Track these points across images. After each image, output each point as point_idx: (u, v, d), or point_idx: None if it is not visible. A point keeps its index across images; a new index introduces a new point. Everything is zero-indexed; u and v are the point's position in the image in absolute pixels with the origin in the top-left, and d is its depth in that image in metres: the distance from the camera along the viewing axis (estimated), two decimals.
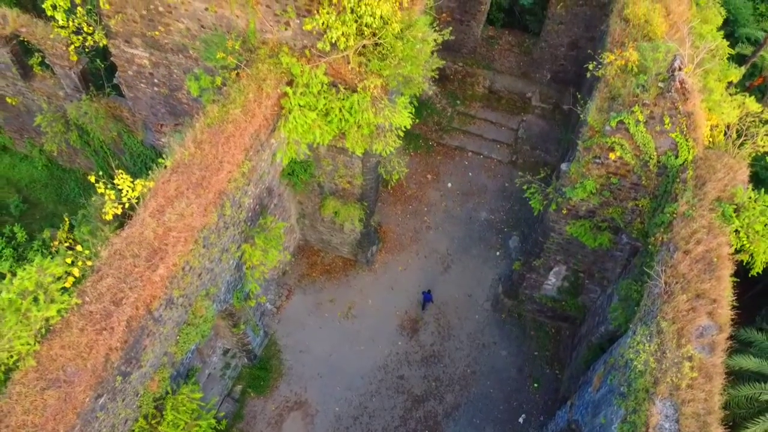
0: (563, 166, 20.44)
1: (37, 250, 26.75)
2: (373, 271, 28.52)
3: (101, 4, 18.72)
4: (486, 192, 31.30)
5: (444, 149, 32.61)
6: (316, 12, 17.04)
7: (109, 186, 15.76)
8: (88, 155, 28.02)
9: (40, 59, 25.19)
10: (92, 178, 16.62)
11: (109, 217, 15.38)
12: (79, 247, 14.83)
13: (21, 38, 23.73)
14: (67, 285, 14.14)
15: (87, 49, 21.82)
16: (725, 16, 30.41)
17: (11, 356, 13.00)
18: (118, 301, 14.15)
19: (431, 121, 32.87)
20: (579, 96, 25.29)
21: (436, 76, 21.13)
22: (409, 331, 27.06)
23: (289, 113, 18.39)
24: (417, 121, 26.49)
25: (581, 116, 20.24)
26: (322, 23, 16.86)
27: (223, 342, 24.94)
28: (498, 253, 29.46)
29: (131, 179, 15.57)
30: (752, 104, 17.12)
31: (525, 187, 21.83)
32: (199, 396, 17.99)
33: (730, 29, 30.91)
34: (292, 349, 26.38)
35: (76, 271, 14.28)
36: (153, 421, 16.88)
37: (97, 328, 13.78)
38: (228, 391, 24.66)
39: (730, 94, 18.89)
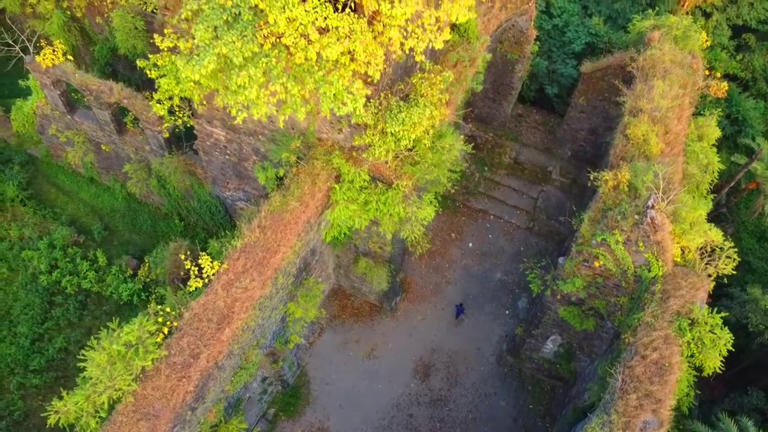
0: (560, 260, 24.25)
1: (115, 274, 31.82)
2: (396, 318, 32.66)
3: (196, 105, 23.34)
4: (503, 254, 35.10)
5: (469, 211, 36.56)
6: (363, 132, 21.31)
7: (192, 264, 20.24)
8: (163, 196, 32.92)
9: (133, 118, 30.16)
10: (182, 254, 21.11)
11: (191, 290, 19.85)
12: (168, 309, 19.40)
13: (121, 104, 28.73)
14: (159, 339, 18.72)
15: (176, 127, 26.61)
16: (735, 116, 33.76)
17: (118, 394, 17.61)
18: (195, 355, 18.68)
19: (459, 184, 36.83)
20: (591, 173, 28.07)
21: (468, 150, 24.55)
22: (422, 375, 31.10)
23: (336, 204, 22.72)
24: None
25: (576, 222, 23.92)
26: (368, 142, 21.13)
27: (263, 371, 29.43)
28: (507, 312, 33.25)
29: (211, 259, 20.02)
30: (715, 235, 20.65)
31: (527, 272, 25.66)
32: (244, 426, 22.45)
33: (737, 128, 34.05)
34: (319, 381, 30.71)
35: (165, 330, 18.85)
36: None
37: (179, 375, 18.33)
38: (263, 413, 29.14)
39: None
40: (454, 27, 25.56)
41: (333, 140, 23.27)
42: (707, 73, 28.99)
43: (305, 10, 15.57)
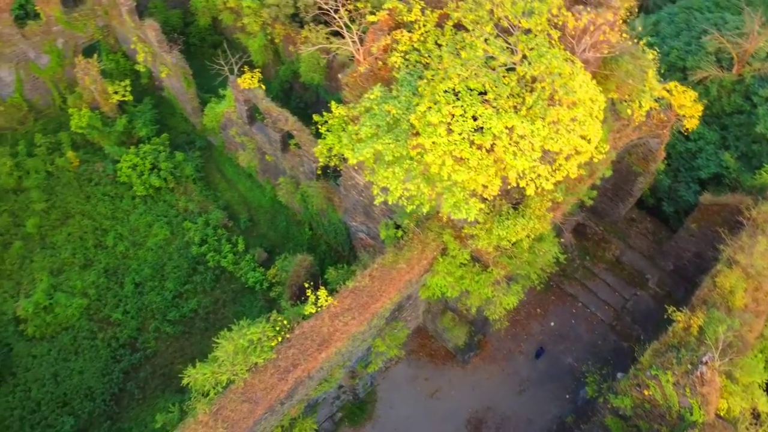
0: (618, 375, 26.86)
1: (248, 261, 38.13)
2: (465, 370, 36.33)
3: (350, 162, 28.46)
4: (579, 341, 37.53)
5: (559, 292, 39.25)
6: (473, 225, 25.28)
7: (312, 291, 25.31)
8: (302, 208, 38.82)
9: (296, 143, 36.13)
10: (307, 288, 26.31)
11: (305, 313, 24.95)
12: (285, 321, 24.66)
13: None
14: (273, 344, 24.02)
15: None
16: None
17: (234, 377, 23.12)
18: (295, 365, 23.80)
19: (558, 265, 39.57)
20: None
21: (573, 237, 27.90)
22: (473, 428, 34.58)
23: (436, 273, 26.94)
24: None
25: (640, 349, 26.34)
26: (476, 233, 25.10)
27: (341, 381, 34.40)
28: (567, 396, 35.78)
29: (326, 293, 25.02)
30: (763, 405, 22.46)
31: (587, 374, 28.40)
32: (315, 427, 27.49)
33: None
34: (385, 403, 35.19)
35: (279, 338, 24.13)
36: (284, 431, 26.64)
37: (280, 377, 23.55)
38: (332, 415, 34.14)
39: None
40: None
41: (448, 217, 27.43)
42: None
43: (448, 140, 19.87)
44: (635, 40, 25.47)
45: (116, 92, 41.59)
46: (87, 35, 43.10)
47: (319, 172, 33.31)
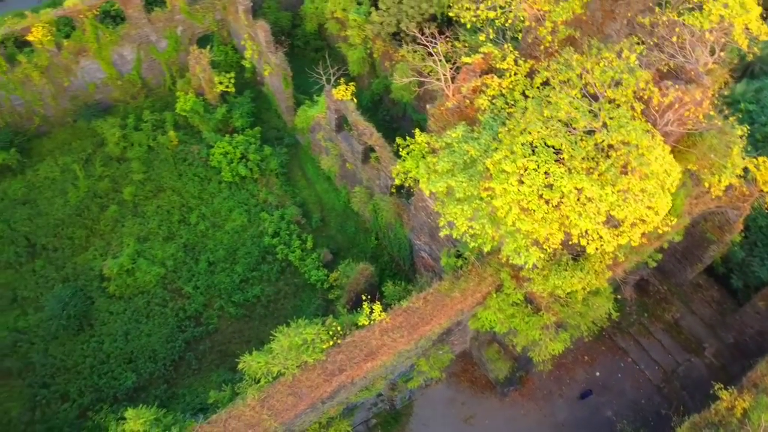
0: None
1: (313, 259, 40.22)
2: (503, 402, 36.96)
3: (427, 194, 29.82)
4: (622, 396, 37.34)
5: (610, 343, 39.13)
6: (532, 269, 26.08)
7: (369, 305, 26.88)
8: (371, 217, 40.52)
9: (377, 157, 37.84)
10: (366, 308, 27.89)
11: (359, 323, 26.52)
12: (339, 327, 26.35)
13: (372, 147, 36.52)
14: (324, 346, 25.76)
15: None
16: None
17: (284, 371, 25.02)
18: (341, 370, 25.45)
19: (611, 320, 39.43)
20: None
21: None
22: None
23: (488, 307, 27.90)
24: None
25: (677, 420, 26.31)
26: (532, 277, 25.90)
27: (381, 390, 35.88)
28: None
29: (381, 308, 26.51)
30: None
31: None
32: (350, 429, 29.07)
33: None
34: (419, 419, 36.36)
35: (331, 342, 25.83)
36: (320, 428, 28.34)
37: (325, 378, 25.26)
38: (367, 420, 35.67)
39: None
40: None
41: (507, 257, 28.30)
42: None
43: (518, 190, 20.88)
44: (726, 109, 25.40)
45: (221, 83, 44.70)
46: (204, 26, 46.55)
47: (393, 190, 34.86)
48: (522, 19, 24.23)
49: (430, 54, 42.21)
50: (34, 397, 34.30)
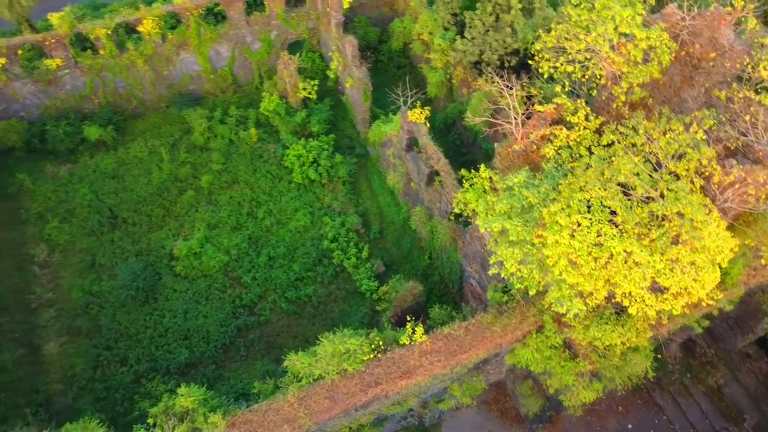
0: None
1: (367, 268, 41.87)
2: None
3: (481, 231, 30.95)
4: None
5: (647, 398, 38.92)
6: (573, 317, 26.79)
7: (412, 326, 28.24)
8: (428, 237, 41.83)
9: (440, 181, 39.14)
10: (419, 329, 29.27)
11: (400, 341, 27.93)
12: (381, 342, 27.81)
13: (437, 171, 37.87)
14: (365, 358, 27.31)
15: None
16: None
17: (324, 375, 26.70)
18: (376, 383, 26.94)
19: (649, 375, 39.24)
20: None
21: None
22: None
23: (526, 345, 28.74)
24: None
25: None
26: (573, 324, 26.61)
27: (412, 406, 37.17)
28: None
29: (423, 330, 27.83)
30: None
31: None
32: None
33: None
34: None
35: (371, 355, 27.35)
36: None
37: (361, 388, 26.82)
38: None
39: None
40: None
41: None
42: None
43: (569, 243, 21.78)
44: None
45: (305, 89, 47.12)
46: (296, 33, 49.18)
47: (452, 217, 36.07)
48: (599, 76, 25.02)
49: (509, 87, 43.36)
50: (97, 357, 37.49)
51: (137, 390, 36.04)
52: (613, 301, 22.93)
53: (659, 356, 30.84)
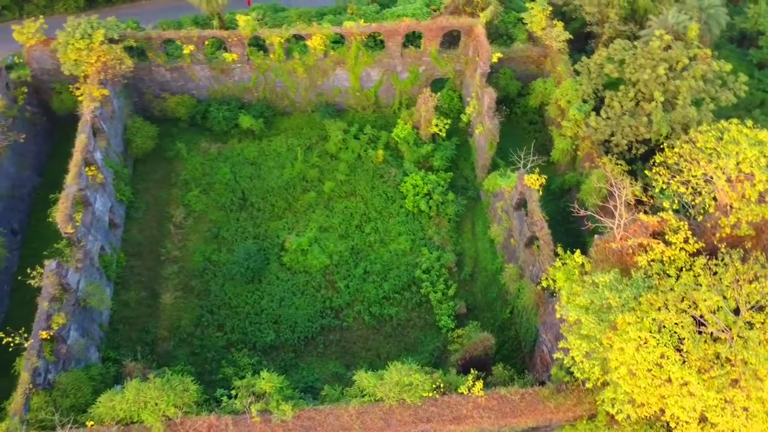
0: None
1: (449, 306, 44.44)
2: None
3: (558, 315, 32.66)
4: None
5: None
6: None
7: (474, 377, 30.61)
8: (514, 294, 43.66)
9: (538, 246, 40.89)
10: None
11: (460, 390, 30.41)
12: (442, 384, 30.43)
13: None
14: (424, 394, 30.07)
15: None
16: None
17: (385, 398, 29.79)
18: (428, 420, 29.64)
19: None
20: None
21: None
22: None
23: (575, 429, 30.21)
24: None
25: None
26: (623, 423, 27.87)
27: None
28: None
29: (482, 386, 30.13)
30: None
31: None
32: None
33: None
34: None
35: (430, 393, 30.03)
36: None
37: (413, 420, 29.61)
38: None
39: None
40: None
41: None
42: None
43: (633, 354, 23.30)
44: None
45: (437, 125, 50.41)
46: (443, 72, 52.59)
47: (541, 286, 37.89)
48: (708, 204, 26.13)
49: (632, 173, 44.19)
50: (201, 317, 43.04)
51: (226, 356, 41.07)
52: (662, 418, 24.13)
53: None
